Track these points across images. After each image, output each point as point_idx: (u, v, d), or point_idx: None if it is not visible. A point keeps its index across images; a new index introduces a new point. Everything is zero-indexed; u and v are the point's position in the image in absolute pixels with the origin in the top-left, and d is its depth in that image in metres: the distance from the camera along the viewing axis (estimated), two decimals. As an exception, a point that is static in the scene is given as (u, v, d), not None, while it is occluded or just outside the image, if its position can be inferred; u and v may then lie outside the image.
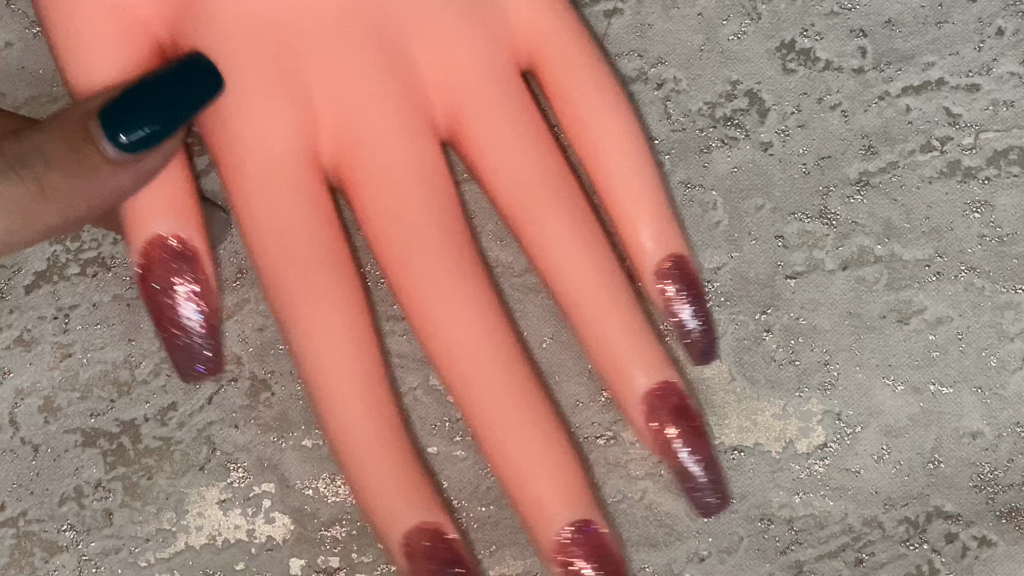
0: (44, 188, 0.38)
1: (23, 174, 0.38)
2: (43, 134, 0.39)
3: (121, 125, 0.39)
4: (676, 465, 0.41)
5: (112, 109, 0.39)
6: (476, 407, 0.41)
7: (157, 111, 0.39)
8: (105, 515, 0.43)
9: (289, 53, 0.41)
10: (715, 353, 0.43)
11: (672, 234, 0.42)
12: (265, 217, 0.41)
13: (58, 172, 0.38)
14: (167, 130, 0.39)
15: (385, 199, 0.41)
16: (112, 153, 0.39)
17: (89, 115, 0.39)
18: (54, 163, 0.38)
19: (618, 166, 0.42)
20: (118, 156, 0.39)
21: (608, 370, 0.42)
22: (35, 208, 0.38)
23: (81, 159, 0.38)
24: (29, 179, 0.38)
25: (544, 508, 0.40)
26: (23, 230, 0.38)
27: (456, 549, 0.40)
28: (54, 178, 0.38)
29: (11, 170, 0.38)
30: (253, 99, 0.41)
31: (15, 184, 0.38)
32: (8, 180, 0.38)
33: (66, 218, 0.39)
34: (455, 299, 0.41)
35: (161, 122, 0.39)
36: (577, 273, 0.41)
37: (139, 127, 0.39)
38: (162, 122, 0.39)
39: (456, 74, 0.42)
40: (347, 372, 0.40)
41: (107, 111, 0.39)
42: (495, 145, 0.42)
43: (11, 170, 0.38)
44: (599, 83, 0.43)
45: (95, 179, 0.39)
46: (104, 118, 0.39)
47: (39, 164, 0.38)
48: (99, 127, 0.39)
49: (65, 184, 0.38)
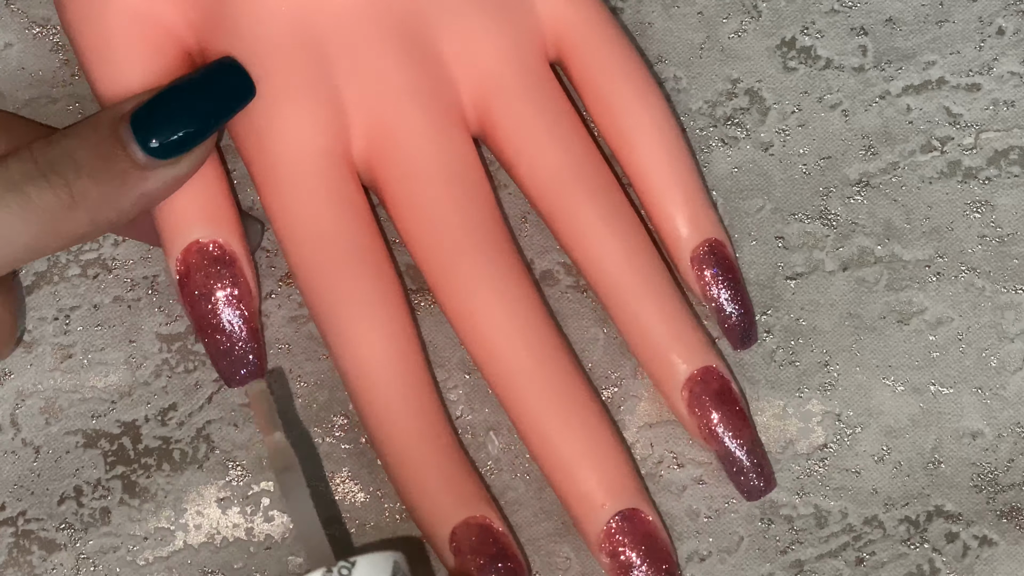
0: (74, 195, 0.38)
1: (54, 180, 0.38)
2: (74, 139, 0.38)
3: (152, 130, 0.39)
4: (720, 449, 0.42)
5: (143, 114, 0.39)
6: (519, 401, 0.41)
7: (189, 116, 0.39)
8: (103, 513, 0.43)
9: (318, 54, 0.41)
10: (755, 337, 0.43)
11: (707, 219, 0.42)
12: (300, 219, 0.41)
13: (88, 179, 0.38)
14: (199, 135, 0.39)
15: (419, 196, 0.41)
16: (142, 159, 0.39)
17: (120, 120, 0.39)
18: (84, 169, 0.38)
19: (650, 154, 0.42)
20: (148, 162, 0.39)
21: (649, 357, 0.42)
22: (65, 215, 0.38)
23: (111, 165, 0.38)
24: (60, 186, 0.38)
25: (590, 499, 0.40)
26: (53, 236, 0.38)
27: (504, 542, 0.40)
28: (84, 185, 0.38)
29: (42, 177, 0.38)
30: (284, 101, 0.41)
31: (45, 191, 0.38)
32: (39, 187, 0.38)
33: (96, 224, 0.39)
34: (493, 294, 0.41)
35: (193, 126, 0.39)
36: (614, 261, 0.42)
37: (170, 132, 0.39)
38: (194, 126, 0.39)
39: (485, 68, 0.42)
40: (389, 372, 0.40)
41: (138, 116, 0.39)
42: (527, 137, 0.42)
43: (42, 177, 0.38)
44: (628, 72, 0.43)
45: (125, 185, 0.39)
46: (135, 123, 0.39)
47: (70, 170, 0.38)
48: (130, 132, 0.39)
49: (95, 191, 0.38)
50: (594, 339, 0.44)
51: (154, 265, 0.44)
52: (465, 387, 0.43)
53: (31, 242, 0.38)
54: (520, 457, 0.43)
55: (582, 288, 0.44)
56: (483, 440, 0.43)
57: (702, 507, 0.43)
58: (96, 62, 0.41)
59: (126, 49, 0.41)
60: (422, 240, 0.41)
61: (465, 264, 0.41)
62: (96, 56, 0.41)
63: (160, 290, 0.44)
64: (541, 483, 0.43)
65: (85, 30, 0.41)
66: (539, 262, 0.44)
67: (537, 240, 0.44)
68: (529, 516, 0.43)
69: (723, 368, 0.42)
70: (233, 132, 0.42)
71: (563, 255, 0.44)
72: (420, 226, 0.41)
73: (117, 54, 0.41)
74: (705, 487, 0.43)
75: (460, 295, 0.41)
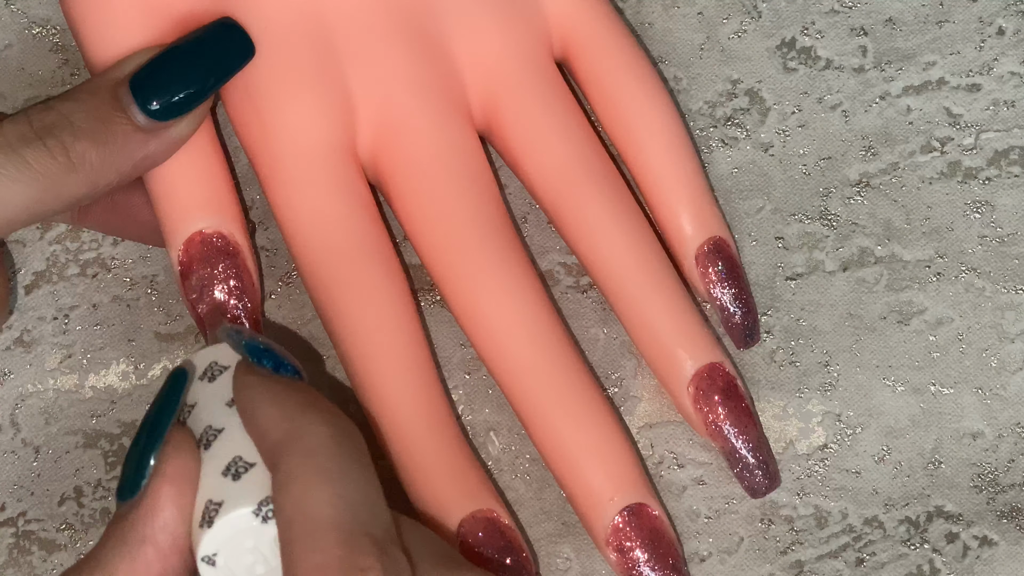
0: (72, 158, 0.38)
1: (50, 144, 0.38)
2: (71, 103, 0.39)
3: (152, 92, 0.39)
4: (725, 446, 0.42)
5: (143, 75, 0.39)
6: (524, 396, 0.41)
7: (188, 76, 0.39)
8: (104, 514, 0.43)
9: (325, 47, 0.41)
10: (758, 335, 0.43)
11: (712, 217, 0.42)
12: (304, 212, 0.41)
13: (86, 141, 0.38)
14: (199, 95, 0.39)
15: (425, 191, 0.41)
16: (142, 120, 0.39)
17: (120, 83, 0.39)
18: (82, 132, 0.38)
19: (655, 152, 0.42)
20: (148, 123, 0.39)
21: (655, 353, 0.42)
22: (63, 178, 0.38)
23: (110, 127, 0.38)
24: (57, 149, 0.38)
25: (597, 494, 0.40)
26: (50, 199, 0.38)
27: (510, 536, 0.40)
28: (82, 147, 0.38)
29: (38, 139, 0.38)
30: (290, 94, 0.41)
31: (42, 153, 0.38)
32: (35, 149, 0.38)
33: (95, 186, 0.39)
34: (499, 289, 0.41)
35: (193, 87, 0.39)
36: (620, 257, 0.41)
37: (171, 93, 0.39)
38: (194, 87, 0.39)
39: (491, 64, 0.42)
40: (395, 366, 0.40)
41: (138, 78, 0.39)
42: (532, 134, 0.42)
43: (38, 139, 0.38)
44: (634, 70, 0.43)
45: (125, 147, 0.39)
46: (135, 85, 0.39)
47: (67, 133, 0.38)
48: (129, 94, 0.39)
49: (93, 153, 0.38)
50: (594, 339, 0.44)
51: (153, 264, 0.44)
52: (465, 387, 0.43)
53: (30, 204, 0.38)
54: (520, 457, 0.43)
55: (582, 288, 0.44)
56: (483, 440, 0.43)
57: (702, 508, 0.43)
58: (97, 47, 0.41)
59: (127, 33, 0.41)
60: (427, 235, 0.41)
61: (471, 259, 0.41)
62: (97, 40, 0.41)
63: (159, 289, 0.44)
64: (541, 483, 0.43)
65: (88, 18, 0.41)
66: (540, 262, 0.44)
67: (537, 240, 0.44)
68: (529, 516, 0.43)
69: (729, 365, 0.42)
70: (237, 122, 0.42)
71: (564, 255, 0.44)
72: (425, 221, 0.41)
73: (118, 38, 0.41)
74: (705, 488, 0.43)
75: (466, 290, 0.41)
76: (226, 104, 0.42)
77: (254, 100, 0.41)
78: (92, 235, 0.44)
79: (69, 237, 0.44)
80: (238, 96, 0.41)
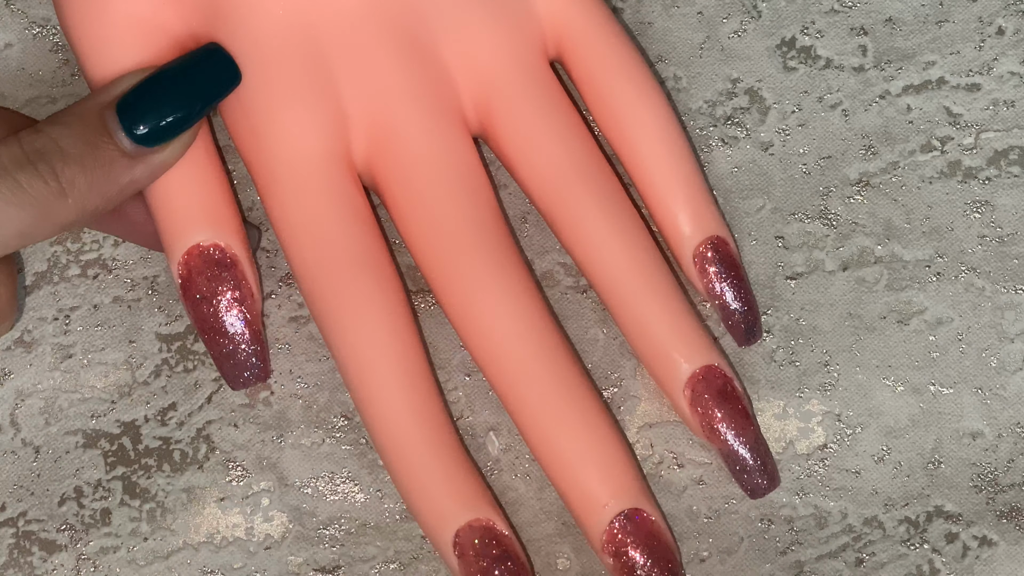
0: (62, 183, 0.38)
1: (42, 169, 0.38)
2: (60, 127, 0.39)
3: (138, 117, 0.39)
4: (723, 448, 0.42)
5: (129, 101, 0.39)
6: (521, 401, 0.41)
7: (175, 102, 0.39)
8: (104, 514, 0.43)
9: (317, 56, 0.41)
10: (759, 333, 0.43)
11: (710, 216, 0.42)
12: (301, 220, 0.41)
13: (75, 166, 0.38)
14: (185, 121, 0.39)
15: (420, 196, 0.41)
16: (128, 146, 0.39)
17: (106, 108, 0.39)
18: (71, 157, 0.38)
19: (652, 152, 0.42)
20: (135, 149, 0.39)
21: (651, 356, 0.42)
22: (54, 202, 0.38)
23: (98, 152, 0.38)
24: (48, 174, 0.38)
25: (593, 499, 0.40)
26: (42, 224, 0.38)
27: (508, 544, 0.40)
28: (71, 172, 0.38)
29: (30, 164, 0.38)
30: (284, 103, 0.41)
31: (35, 179, 0.38)
32: (28, 174, 0.38)
33: (83, 212, 0.39)
34: (495, 294, 0.41)
35: (179, 112, 0.39)
36: (616, 259, 0.41)
37: (157, 119, 0.39)
38: (180, 112, 0.39)
39: (484, 67, 0.42)
40: (391, 374, 0.40)
41: (124, 103, 0.39)
42: (527, 135, 0.42)
43: (30, 164, 0.38)
44: (629, 70, 0.43)
45: (112, 173, 0.39)
46: (121, 110, 0.39)
47: (56, 158, 0.38)
48: (116, 119, 0.39)
49: (82, 178, 0.38)
50: (594, 340, 0.44)
51: (154, 265, 0.44)
52: (465, 388, 0.44)
53: (24, 229, 0.38)
54: (520, 458, 0.43)
55: (582, 289, 0.44)
56: (483, 441, 0.43)
57: (702, 508, 0.43)
58: (95, 65, 0.41)
59: (124, 51, 0.41)
60: (423, 240, 0.41)
61: (466, 264, 0.41)
62: (95, 59, 0.41)
63: (160, 290, 0.44)
64: (541, 484, 0.43)
65: (84, 33, 0.41)
66: (539, 262, 0.44)
67: (537, 240, 0.44)
68: (529, 517, 0.43)
69: (726, 366, 0.42)
70: (234, 134, 0.42)
71: (563, 256, 0.44)
72: (421, 226, 0.41)
73: (116, 56, 0.41)
74: (705, 488, 0.43)
75: (461, 295, 0.41)
76: (223, 117, 0.42)
77: (248, 113, 0.41)
78: (93, 236, 0.44)
79: (70, 238, 0.44)
80: (233, 109, 0.42)
